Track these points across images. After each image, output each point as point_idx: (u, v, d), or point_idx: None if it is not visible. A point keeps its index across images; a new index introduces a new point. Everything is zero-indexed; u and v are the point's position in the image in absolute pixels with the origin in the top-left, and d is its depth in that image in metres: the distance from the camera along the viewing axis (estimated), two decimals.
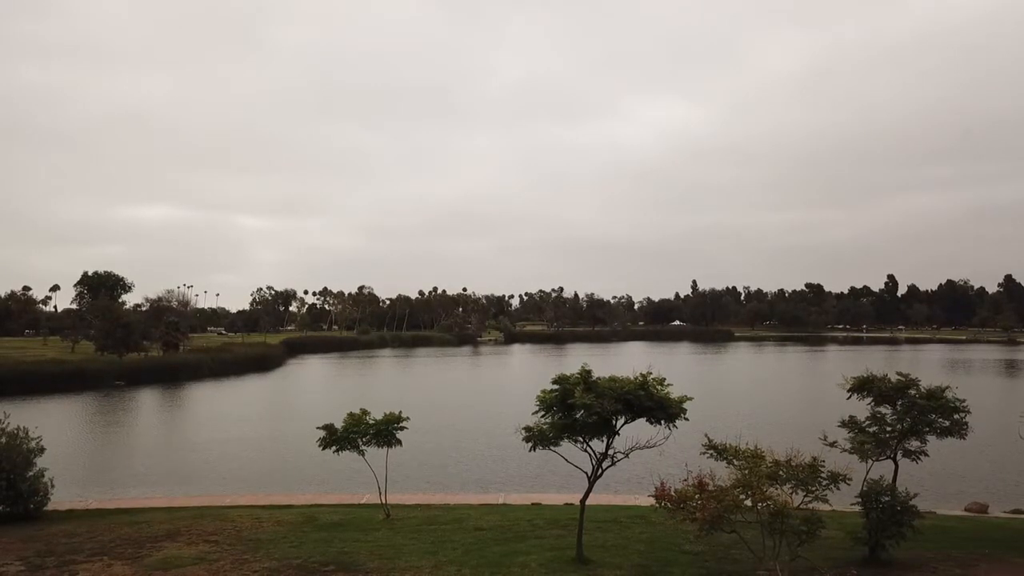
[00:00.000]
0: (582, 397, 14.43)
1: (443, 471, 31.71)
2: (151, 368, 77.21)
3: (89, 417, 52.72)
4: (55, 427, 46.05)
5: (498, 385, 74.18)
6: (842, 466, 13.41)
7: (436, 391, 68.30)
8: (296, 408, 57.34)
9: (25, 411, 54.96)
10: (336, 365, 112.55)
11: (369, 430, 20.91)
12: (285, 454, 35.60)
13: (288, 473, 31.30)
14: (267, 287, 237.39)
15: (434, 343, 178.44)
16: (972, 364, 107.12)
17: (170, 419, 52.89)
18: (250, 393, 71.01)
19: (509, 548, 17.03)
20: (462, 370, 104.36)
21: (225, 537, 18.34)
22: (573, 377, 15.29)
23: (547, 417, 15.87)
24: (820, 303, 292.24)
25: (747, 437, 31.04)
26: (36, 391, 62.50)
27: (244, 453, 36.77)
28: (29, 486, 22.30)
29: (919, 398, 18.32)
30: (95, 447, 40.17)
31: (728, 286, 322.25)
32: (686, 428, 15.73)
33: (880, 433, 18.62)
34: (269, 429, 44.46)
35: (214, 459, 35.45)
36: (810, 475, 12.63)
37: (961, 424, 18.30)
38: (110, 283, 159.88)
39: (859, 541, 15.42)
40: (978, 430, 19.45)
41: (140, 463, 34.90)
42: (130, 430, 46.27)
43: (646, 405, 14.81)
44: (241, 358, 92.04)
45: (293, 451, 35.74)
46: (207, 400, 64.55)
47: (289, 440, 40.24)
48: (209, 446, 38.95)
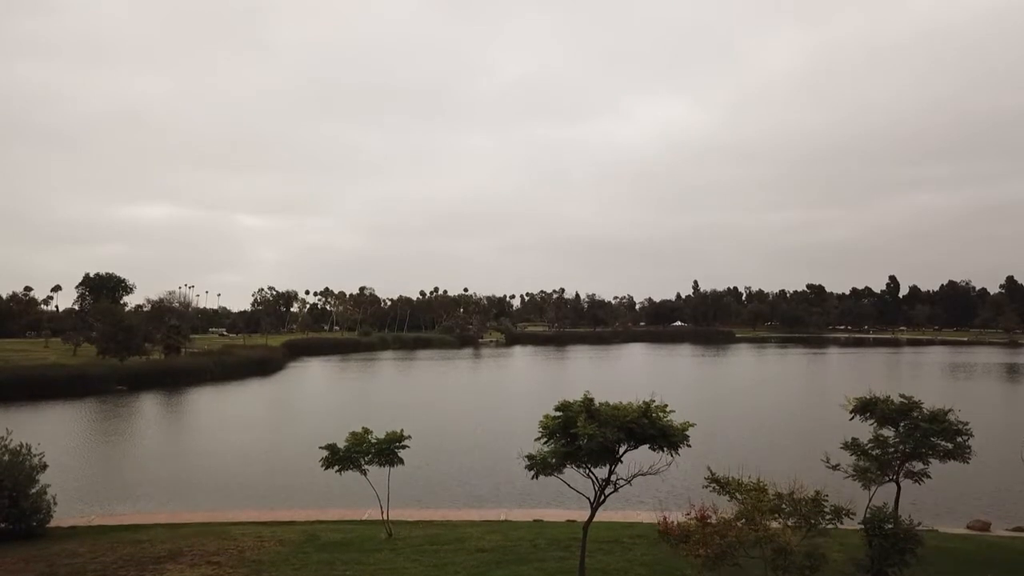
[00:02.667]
0: (585, 427, 14.42)
1: (445, 483, 31.71)
2: (153, 372, 77.25)
3: (90, 424, 52.76)
4: (56, 435, 46.12)
5: (500, 391, 74.15)
6: (845, 499, 13.39)
7: (437, 397, 68.33)
8: (297, 415, 57.37)
9: (27, 418, 55.12)
10: (337, 368, 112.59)
11: (371, 449, 20.91)
12: (287, 465, 35.60)
13: (290, 485, 31.30)
14: (268, 288, 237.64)
15: (435, 345, 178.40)
16: (974, 369, 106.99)
17: (172, 427, 52.91)
18: (252, 398, 71.04)
19: (511, 571, 17.04)
20: (463, 375, 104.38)
21: (228, 558, 18.32)
22: (576, 404, 15.27)
23: (549, 443, 15.84)
24: (821, 304, 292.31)
25: (748, 455, 31.16)
26: (38, 396, 62.59)
27: (246, 464, 36.78)
28: (32, 504, 22.33)
29: (922, 421, 18.33)
30: (97, 457, 40.18)
31: (729, 286, 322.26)
32: (688, 447, 15.73)
33: (883, 456, 18.64)
34: (271, 438, 44.48)
35: (216, 469, 35.47)
36: (813, 509, 12.62)
37: (964, 447, 18.30)
38: (111, 284, 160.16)
39: (861, 568, 15.41)
40: (980, 444, 19.40)
41: (142, 474, 34.91)
42: (132, 438, 46.29)
43: (649, 433, 14.80)
44: (243, 361, 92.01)
45: (295, 462, 35.73)
46: (209, 406, 64.59)
47: (291, 449, 40.28)
48: (211, 456, 38.98)
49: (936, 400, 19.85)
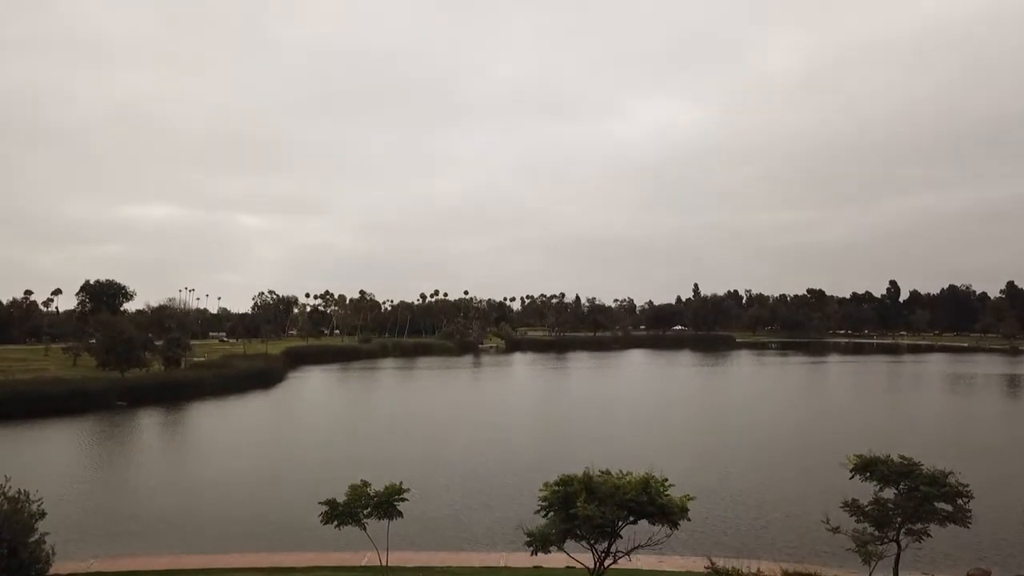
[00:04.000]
0: (584, 508, 14.42)
1: (443, 520, 31.61)
2: (153, 386, 77.18)
3: (90, 448, 52.68)
4: (55, 460, 46.16)
5: (498, 413, 74.09)
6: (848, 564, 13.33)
7: (437, 419, 68.24)
8: (297, 438, 57.29)
9: (26, 438, 55.15)
10: (336, 380, 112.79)
11: (370, 502, 20.87)
12: (287, 498, 35.49)
13: (291, 521, 31.17)
14: (269, 291, 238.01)
15: (435, 351, 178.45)
16: (974, 382, 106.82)
17: (171, 450, 52.80)
18: (252, 416, 70.96)
19: None
20: (462, 388, 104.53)
21: None
22: (576, 481, 15.27)
23: (549, 514, 15.84)
24: (822, 308, 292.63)
25: (745, 512, 30.99)
26: (37, 414, 62.53)
27: (247, 494, 36.71)
28: (31, 554, 22.18)
29: (922, 484, 18.28)
30: (96, 484, 40.16)
31: (730, 289, 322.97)
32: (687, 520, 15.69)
33: (882, 518, 18.61)
34: (270, 466, 44.35)
35: (217, 501, 35.42)
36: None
37: (964, 511, 18.26)
38: (112, 291, 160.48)
39: None
40: (978, 487, 19.29)
41: (142, 506, 34.84)
42: (131, 464, 46.21)
43: (648, 511, 14.79)
44: (243, 373, 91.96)
45: (294, 494, 35.69)
46: (208, 425, 64.48)
47: (291, 476, 40.23)
48: (212, 486, 38.88)
49: (935, 438, 19.84)
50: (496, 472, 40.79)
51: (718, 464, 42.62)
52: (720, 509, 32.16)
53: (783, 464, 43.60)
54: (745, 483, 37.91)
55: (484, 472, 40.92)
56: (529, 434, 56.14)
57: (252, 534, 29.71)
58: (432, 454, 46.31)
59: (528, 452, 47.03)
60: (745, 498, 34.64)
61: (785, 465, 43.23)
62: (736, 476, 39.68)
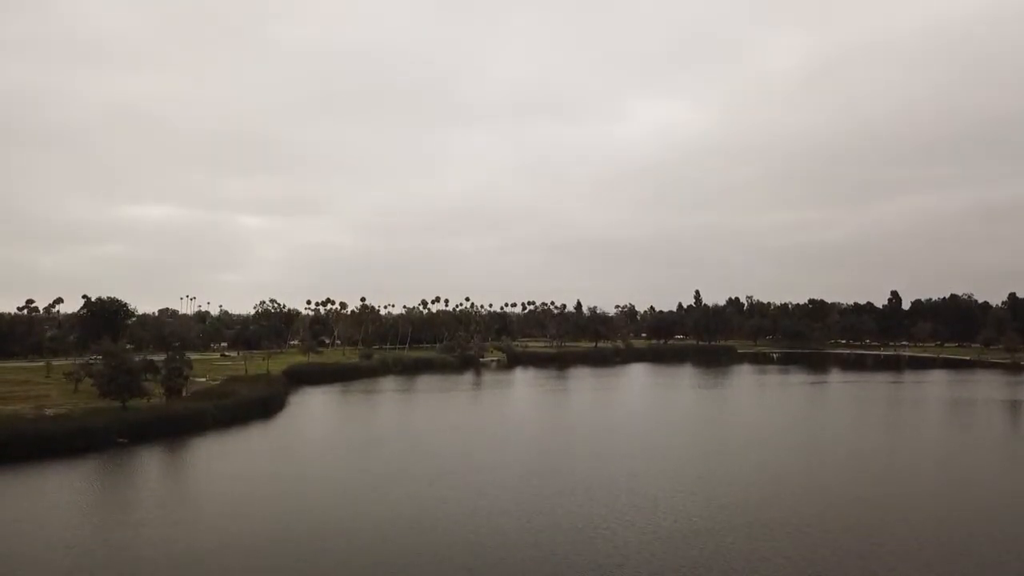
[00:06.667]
0: None
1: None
2: (153, 421, 77.11)
3: (89, 496, 52.60)
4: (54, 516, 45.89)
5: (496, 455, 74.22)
6: None
7: (438, 457, 68.49)
8: (298, 488, 57.26)
9: (24, 484, 55.09)
10: (338, 404, 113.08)
11: None
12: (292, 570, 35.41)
13: None
14: (270, 300, 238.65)
15: (436, 365, 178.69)
16: (975, 409, 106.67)
17: (171, 505, 52.60)
18: (253, 455, 70.80)
19: None
20: (465, 413, 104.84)
21: None
22: None
23: None
24: (823, 318, 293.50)
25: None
26: (34, 456, 62.37)
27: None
28: None
29: None
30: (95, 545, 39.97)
31: (731, 296, 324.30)
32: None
33: None
34: (270, 529, 44.23)
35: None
36: None
37: None
38: (113, 308, 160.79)
39: None
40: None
41: None
42: (130, 523, 45.98)
43: None
44: (243, 403, 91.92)
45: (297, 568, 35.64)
46: (209, 468, 63.98)
47: (293, 546, 40.07)
48: (214, 555, 38.66)
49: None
50: (495, 550, 40.56)
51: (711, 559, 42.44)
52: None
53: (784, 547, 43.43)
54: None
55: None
56: (531, 491, 55.84)
57: None
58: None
59: (530, 509, 46.70)
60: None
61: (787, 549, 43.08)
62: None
